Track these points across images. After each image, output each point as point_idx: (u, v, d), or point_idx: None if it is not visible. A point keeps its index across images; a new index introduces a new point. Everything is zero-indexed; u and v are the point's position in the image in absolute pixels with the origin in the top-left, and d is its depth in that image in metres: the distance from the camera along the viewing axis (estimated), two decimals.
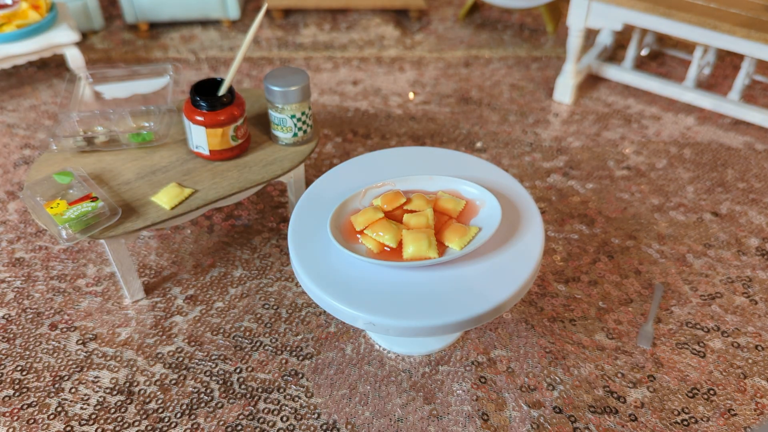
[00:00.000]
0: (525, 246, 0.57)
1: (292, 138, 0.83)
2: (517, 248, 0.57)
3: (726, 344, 0.77)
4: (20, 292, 0.84)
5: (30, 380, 0.74)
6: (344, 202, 0.49)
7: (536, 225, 0.53)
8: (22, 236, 0.92)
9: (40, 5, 1.14)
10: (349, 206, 0.48)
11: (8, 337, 0.79)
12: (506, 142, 1.08)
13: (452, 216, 0.47)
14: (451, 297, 0.39)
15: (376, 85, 1.24)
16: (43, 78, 1.26)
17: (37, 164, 0.81)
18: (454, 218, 0.46)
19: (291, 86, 0.79)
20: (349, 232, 0.46)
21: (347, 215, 0.48)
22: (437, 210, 0.48)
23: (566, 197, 0.98)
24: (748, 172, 1.04)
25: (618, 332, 0.79)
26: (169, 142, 0.85)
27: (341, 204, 0.47)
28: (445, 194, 0.48)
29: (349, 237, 0.46)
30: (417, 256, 0.41)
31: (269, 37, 1.39)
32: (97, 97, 0.93)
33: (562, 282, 0.85)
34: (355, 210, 0.47)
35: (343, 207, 0.47)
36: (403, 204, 0.52)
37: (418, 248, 0.41)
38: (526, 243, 0.57)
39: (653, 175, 1.03)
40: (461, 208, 0.47)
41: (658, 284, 0.84)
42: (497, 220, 0.44)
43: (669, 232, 0.93)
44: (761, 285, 0.85)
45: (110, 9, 1.48)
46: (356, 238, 0.46)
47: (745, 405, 0.71)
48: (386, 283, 0.42)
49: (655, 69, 1.26)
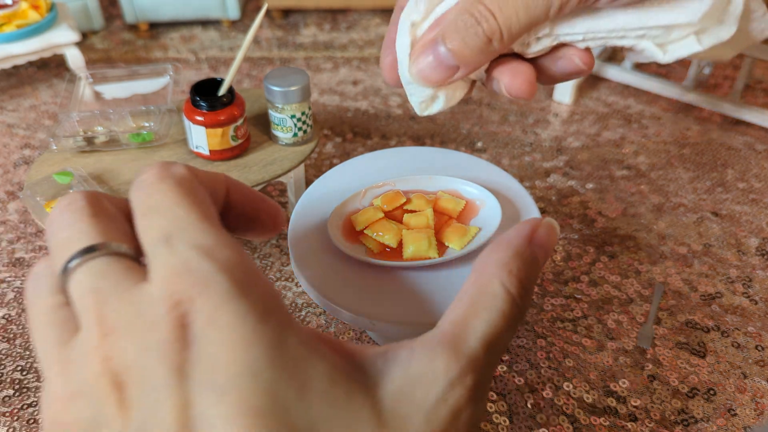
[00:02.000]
0: None
1: (292, 138, 0.83)
2: None
3: (726, 344, 0.77)
4: (20, 292, 0.84)
5: (30, 380, 0.74)
6: (344, 202, 0.49)
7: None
8: (22, 236, 0.92)
9: (40, 5, 1.13)
10: (349, 206, 0.48)
11: (8, 337, 0.79)
12: (506, 142, 1.08)
13: (452, 216, 0.47)
14: (452, 297, 0.38)
15: (376, 85, 1.24)
16: (43, 78, 1.26)
17: (37, 164, 0.81)
18: (454, 218, 0.46)
19: (291, 86, 0.79)
20: (349, 232, 0.46)
21: (347, 215, 0.48)
22: (437, 210, 0.48)
23: (566, 197, 0.98)
24: (748, 172, 1.04)
25: (618, 332, 0.79)
26: (169, 142, 0.85)
27: (341, 204, 0.47)
28: (445, 194, 0.47)
29: (349, 237, 0.45)
30: (417, 256, 0.41)
31: (269, 37, 1.39)
32: (97, 97, 0.93)
33: (562, 282, 0.85)
34: (355, 210, 0.47)
35: (343, 207, 0.47)
36: (403, 204, 0.52)
37: (418, 248, 0.42)
38: None
39: (653, 175, 1.03)
40: (461, 208, 0.47)
41: (658, 284, 0.84)
42: (497, 220, 0.44)
43: (669, 232, 0.93)
44: (761, 285, 0.85)
45: (110, 9, 1.48)
46: (356, 238, 0.46)
47: (745, 405, 0.71)
48: (386, 284, 0.42)
49: (655, 69, 1.26)
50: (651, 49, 0.30)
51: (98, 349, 0.18)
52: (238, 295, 0.18)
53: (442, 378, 0.19)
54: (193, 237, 0.19)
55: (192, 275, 0.18)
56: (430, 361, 0.19)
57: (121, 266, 0.20)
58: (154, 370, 0.17)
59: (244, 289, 0.18)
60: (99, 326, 0.18)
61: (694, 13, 0.29)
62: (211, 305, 0.18)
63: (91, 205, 0.21)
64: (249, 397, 0.17)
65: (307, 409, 0.17)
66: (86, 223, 0.20)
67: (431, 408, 0.18)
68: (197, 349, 0.18)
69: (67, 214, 0.21)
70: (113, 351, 0.18)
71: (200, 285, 0.18)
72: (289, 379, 0.18)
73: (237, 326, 0.18)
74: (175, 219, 0.20)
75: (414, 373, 0.19)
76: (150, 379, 0.17)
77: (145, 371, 0.18)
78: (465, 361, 0.19)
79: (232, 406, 0.17)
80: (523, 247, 0.23)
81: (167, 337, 0.18)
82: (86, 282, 0.19)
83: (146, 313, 0.18)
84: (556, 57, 0.31)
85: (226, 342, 0.17)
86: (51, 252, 0.21)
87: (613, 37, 0.31)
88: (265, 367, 0.17)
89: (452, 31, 0.29)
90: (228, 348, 0.17)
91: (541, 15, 0.28)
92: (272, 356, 0.18)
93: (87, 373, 0.18)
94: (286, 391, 0.17)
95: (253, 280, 0.19)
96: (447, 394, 0.19)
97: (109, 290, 0.19)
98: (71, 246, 0.20)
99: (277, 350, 0.18)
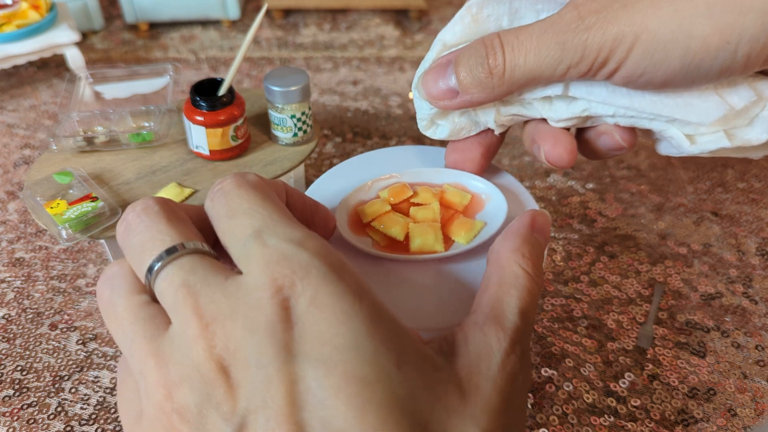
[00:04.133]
0: None
1: (292, 138, 0.83)
2: None
3: (726, 344, 0.77)
4: (20, 292, 0.84)
5: (30, 380, 0.74)
6: (350, 194, 0.49)
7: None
8: (22, 236, 0.92)
9: (40, 5, 1.13)
10: (354, 198, 0.48)
11: (8, 337, 0.79)
12: (506, 142, 1.08)
13: (458, 210, 0.46)
14: (456, 290, 0.38)
15: (376, 85, 1.24)
16: (43, 78, 1.26)
17: (37, 164, 0.81)
18: (460, 212, 0.46)
19: (291, 86, 0.79)
20: (355, 223, 0.45)
21: (353, 206, 0.47)
22: (443, 203, 0.48)
23: (566, 197, 0.98)
24: (748, 172, 1.04)
25: (618, 332, 0.79)
26: (169, 142, 0.85)
27: (347, 196, 0.46)
28: (451, 187, 0.47)
29: (355, 229, 0.45)
30: (424, 250, 0.41)
31: (269, 37, 1.39)
32: (97, 97, 0.93)
33: (562, 282, 0.85)
34: (362, 201, 0.47)
35: (349, 198, 0.47)
36: (410, 197, 0.52)
37: (425, 242, 0.41)
38: None
39: (653, 175, 1.03)
40: (467, 202, 0.47)
41: (658, 284, 0.84)
42: (503, 215, 0.44)
43: (669, 232, 0.93)
44: (761, 285, 0.85)
45: (110, 9, 1.48)
46: (363, 231, 0.46)
47: (745, 405, 0.71)
48: (392, 277, 0.42)
49: None
50: (678, 138, 0.30)
51: (200, 338, 0.19)
52: (335, 279, 0.20)
53: (497, 349, 0.22)
54: (281, 232, 0.21)
55: (291, 262, 0.20)
56: (484, 336, 0.22)
57: (207, 263, 0.21)
58: (261, 350, 0.19)
59: (339, 272, 0.20)
60: (197, 317, 0.20)
61: (708, 115, 0.28)
62: (312, 287, 0.19)
63: (165, 210, 0.23)
64: (354, 368, 0.18)
65: (404, 378, 0.19)
66: (165, 225, 0.22)
67: (495, 376, 0.21)
68: (301, 328, 0.19)
69: (144, 218, 0.22)
70: (216, 338, 0.19)
71: (301, 270, 0.20)
72: (387, 351, 0.19)
73: (337, 305, 0.19)
74: (262, 218, 0.22)
75: (474, 350, 0.22)
76: (257, 359, 0.19)
77: (252, 352, 0.19)
78: (511, 332, 0.22)
79: (339, 377, 0.18)
80: (529, 234, 0.27)
81: (273, 318, 0.19)
82: (176, 278, 0.21)
83: (248, 300, 0.20)
84: (599, 132, 0.33)
85: (329, 319, 0.19)
86: (129, 254, 0.22)
87: (643, 118, 0.30)
88: (366, 340, 0.19)
89: (464, 56, 0.31)
90: (331, 324, 0.19)
91: (547, 68, 0.29)
92: (371, 330, 0.19)
93: (191, 360, 0.19)
94: (386, 362, 0.19)
95: (344, 266, 0.21)
96: (504, 362, 0.21)
97: (201, 284, 0.20)
98: (154, 247, 0.21)
99: (374, 325, 0.19)
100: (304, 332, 0.19)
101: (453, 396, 0.20)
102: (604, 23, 0.26)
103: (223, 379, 0.19)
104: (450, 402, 0.19)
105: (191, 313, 0.20)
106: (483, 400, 0.20)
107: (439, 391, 0.19)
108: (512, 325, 0.22)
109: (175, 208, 0.24)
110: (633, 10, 0.26)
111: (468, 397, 0.20)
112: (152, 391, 0.20)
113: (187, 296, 0.20)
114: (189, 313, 0.20)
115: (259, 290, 0.20)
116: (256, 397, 0.18)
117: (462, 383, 0.20)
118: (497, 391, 0.20)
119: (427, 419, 0.18)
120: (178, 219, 0.23)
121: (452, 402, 0.19)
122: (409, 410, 0.18)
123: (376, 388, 0.18)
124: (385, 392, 0.18)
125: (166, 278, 0.21)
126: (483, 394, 0.20)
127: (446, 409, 0.19)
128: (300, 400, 0.18)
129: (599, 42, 0.27)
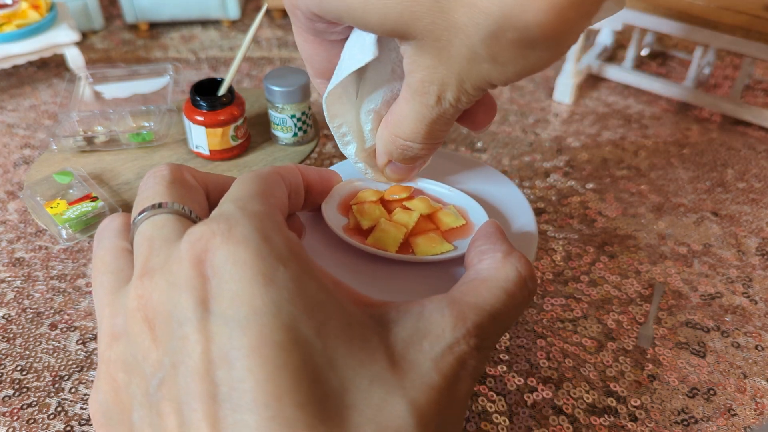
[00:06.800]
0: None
1: (292, 138, 0.83)
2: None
3: (726, 344, 0.77)
4: (20, 292, 0.84)
5: (30, 380, 0.74)
6: (352, 180, 0.48)
7: (530, 240, 0.48)
8: (22, 236, 0.92)
9: (40, 5, 1.14)
10: (352, 185, 0.48)
11: (8, 337, 0.79)
12: (506, 142, 1.08)
13: (439, 228, 0.46)
14: (385, 293, 0.39)
15: None
16: (43, 78, 1.26)
17: (37, 164, 0.81)
18: (440, 230, 0.45)
19: (291, 86, 0.79)
20: (345, 202, 0.45)
21: (356, 187, 0.47)
22: (431, 218, 0.47)
23: (566, 197, 0.98)
24: (748, 172, 1.04)
25: (618, 332, 0.79)
26: (169, 142, 0.85)
27: (348, 181, 0.46)
28: (454, 208, 0.46)
29: (341, 206, 0.45)
30: (377, 245, 0.41)
31: (269, 37, 1.39)
32: (97, 97, 0.94)
33: (562, 282, 0.85)
34: (366, 188, 0.46)
35: (356, 182, 0.47)
36: (404, 199, 0.51)
37: (380, 238, 0.41)
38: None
39: (653, 175, 1.03)
40: (456, 226, 0.46)
41: (658, 284, 0.84)
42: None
43: (669, 232, 0.93)
44: (761, 285, 0.85)
45: (110, 9, 1.48)
46: (346, 211, 0.45)
47: (745, 405, 0.71)
48: (351, 261, 0.42)
49: (655, 69, 1.26)
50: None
51: (136, 289, 0.20)
52: (260, 238, 0.20)
53: (449, 334, 0.21)
54: (238, 197, 0.22)
55: (219, 219, 0.20)
56: (440, 317, 0.21)
57: (179, 223, 0.22)
58: (178, 305, 0.19)
59: (267, 233, 0.20)
60: (141, 269, 0.20)
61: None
62: (231, 243, 0.19)
63: (171, 174, 0.24)
64: (270, 332, 0.18)
65: (324, 346, 0.19)
66: (163, 186, 0.23)
67: (438, 356, 0.20)
68: (218, 283, 0.19)
69: (151, 179, 0.24)
70: (146, 290, 0.20)
71: (225, 225, 0.20)
72: (308, 318, 0.19)
73: (257, 265, 0.19)
74: (237, 191, 0.23)
75: (423, 326, 0.21)
76: (176, 314, 0.19)
77: (171, 307, 0.19)
78: (471, 325, 0.22)
79: (253, 339, 0.18)
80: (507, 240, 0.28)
81: (188, 272, 0.19)
82: (146, 231, 0.22)
83: (175, 253, 0.20)
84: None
85: (247, 278, 0.19)
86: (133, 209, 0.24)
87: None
88: (286, 306, 0.19)
89: (386, 152, 0.37)
90: (249, 284, 0.19)
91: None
92: (292, 296, 0.19)
93: (126, 312, 0.20)
94: (305, 329, 0.19)
95: (276, 229, 0.21)
96: (453, 346, 0.21)
97: (160, 239, 0.21)
98: (145, 203, 0.23)
99: (296, 291, 0.19)
100: (221, 288, 0.19)
101: (378, 365, 0.19)
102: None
103: (148, 333, 0.19)
104: (374, 371, 0.19)
105: (141, 266, 0.20)
106: (419, 376, 0.20)
107: (363, 359, 0.19)
108: (477, 322, 0.22)
109: (186, 175, 0.25)
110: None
111: (398, 368, 0.20)
112: (100, 338, 0.21)
113: (146, 249, 0.21)
114: (139, 265, 0.21)
115: (183, 243, 0.20)
116: (177, 353, 0.18)
117: (395, 354, 0.20)
118: (438, 371, 0.20)
119: (346, 387, 0.18)
120: (181, 184, 0.24)
121: (377, 371, 0.19)
122: (325, 377, 0.18)
123: (292, 353, 0.18)
124: (301, 359, 0.18)
125: (141, 231, 0.22)
126: (420, 370, 0.20)
127: (369, 378, 0.19)
128: (216, 358, 0.18)
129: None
